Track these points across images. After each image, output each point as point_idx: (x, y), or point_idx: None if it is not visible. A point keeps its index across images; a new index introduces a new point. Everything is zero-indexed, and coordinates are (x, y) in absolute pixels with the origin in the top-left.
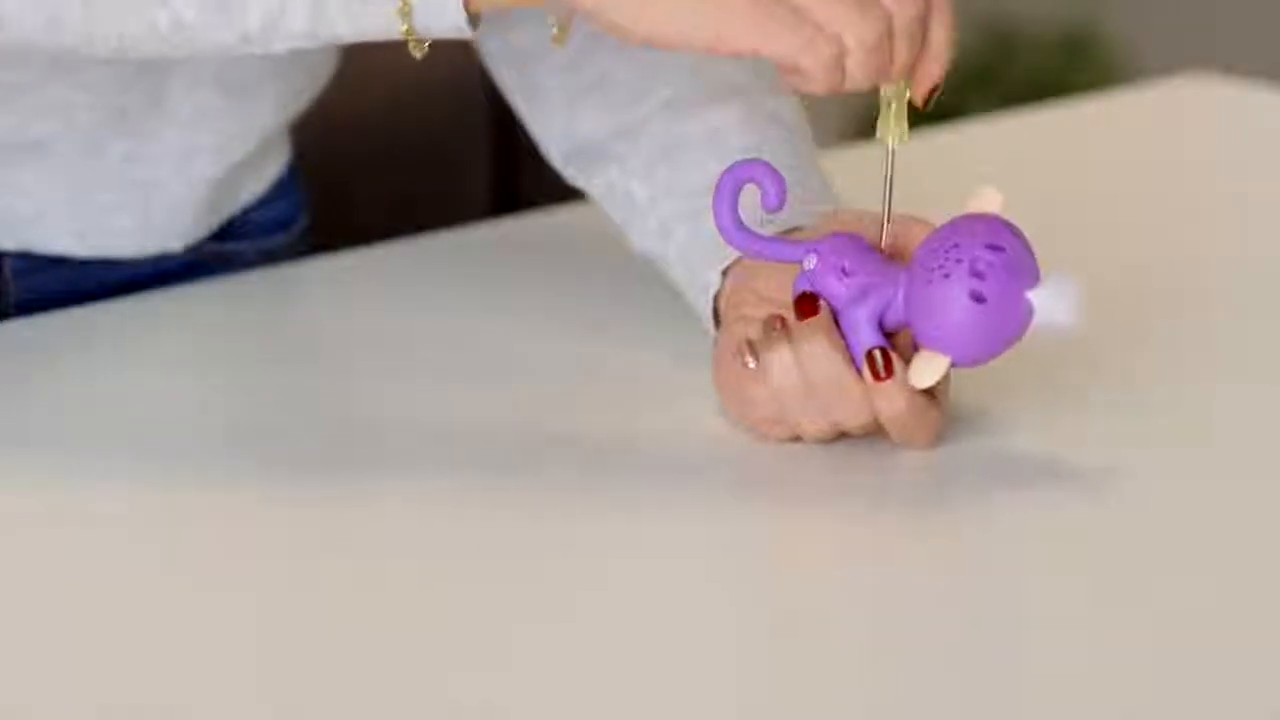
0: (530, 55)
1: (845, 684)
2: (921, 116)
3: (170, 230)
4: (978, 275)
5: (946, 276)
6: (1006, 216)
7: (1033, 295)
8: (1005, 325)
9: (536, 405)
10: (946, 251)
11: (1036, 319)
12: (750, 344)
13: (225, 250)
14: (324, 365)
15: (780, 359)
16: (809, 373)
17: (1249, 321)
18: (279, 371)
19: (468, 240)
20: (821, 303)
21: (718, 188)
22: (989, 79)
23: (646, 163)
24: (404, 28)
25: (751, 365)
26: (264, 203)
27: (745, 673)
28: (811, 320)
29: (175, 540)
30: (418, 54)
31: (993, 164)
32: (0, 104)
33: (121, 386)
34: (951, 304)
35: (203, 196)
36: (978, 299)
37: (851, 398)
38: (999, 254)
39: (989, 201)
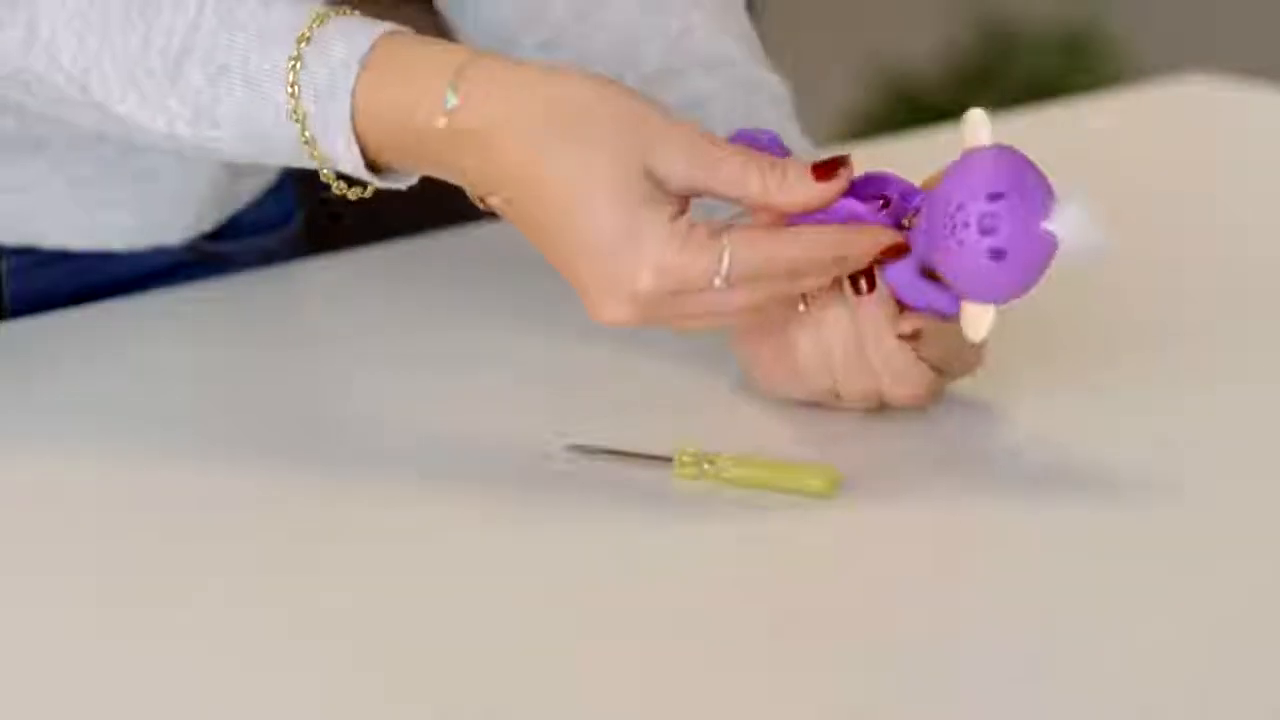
0: (507, 32)
1: (847, 684)
2: (922, 116)
3: (170, 225)
4: (989, 231)
5: (961, 244)
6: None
7: (1051, 225)
8: (1033, 260)
9: (536, 405)
10: (952, 215)
11: (1063, 245)
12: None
13: (220, 250)
14: (323, 365)
15: (841, 328)
16: (873, 355)
17: (1249, 321)
18: (278, 371)
19: (468, 240)
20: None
21: None
22: (989, 79)
23: None
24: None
25: (801, 309)
26: (255, 203)
27: (746, 672)
28: (873, 297)
29: (175, 538)
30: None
31: None
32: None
33: (121, 386)
34: (976, 268)
35: (203, 192)
36: (997, 255)
37: (910, 372)
38: (1002, 201)
39: (978, 131)
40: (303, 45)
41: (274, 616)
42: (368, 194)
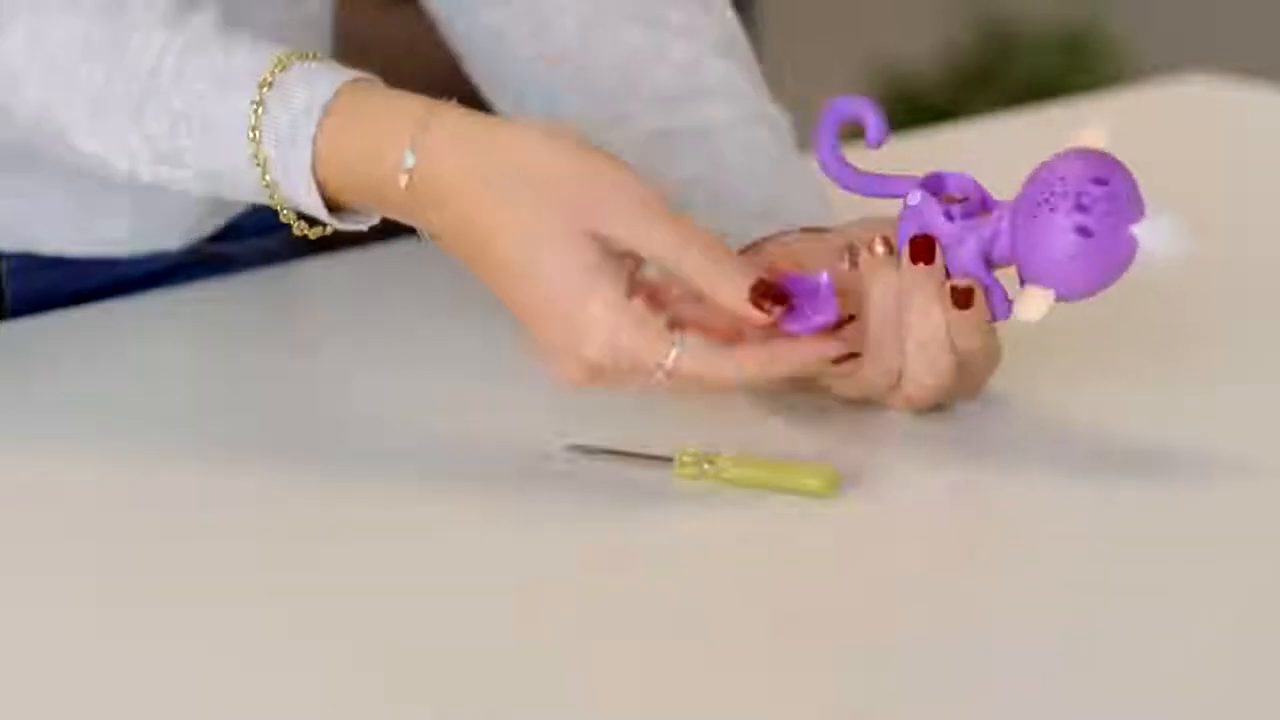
0: (504, 41)
1: (847, 684)
2: (921, 116)
3: (170, 231)
4: (1083, 209)
5: (1052, 210)
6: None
7: (1138, 230)
8: (1110, 259)
9: (536, 405)
10: (1052, 185)
11: (1142, 254)
12: (852, 249)
13: (221, 251)
14: (323, 365)
15: (884, 298)
16: (915, 328)
17: (1249, 321)
18: (278, 371)
19: None
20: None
21: (821, 120)
22: (989, 79)
23: (636, 153)
24: (273, 199)
25: (845, 267)
26: (255, 207)
27: (746, 672)
28: (925, 269)
29: (175, 538)
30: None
31: (993, 164)
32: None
33: (121, 386)
34: (1056, 238)
35: (202, 200)
36: (1083, 233)
37: (941, 361)
38: (1104, 188)
39: (1093, 139)
40: (264, 90)
41: (274, 616)
42: (328, 233)
